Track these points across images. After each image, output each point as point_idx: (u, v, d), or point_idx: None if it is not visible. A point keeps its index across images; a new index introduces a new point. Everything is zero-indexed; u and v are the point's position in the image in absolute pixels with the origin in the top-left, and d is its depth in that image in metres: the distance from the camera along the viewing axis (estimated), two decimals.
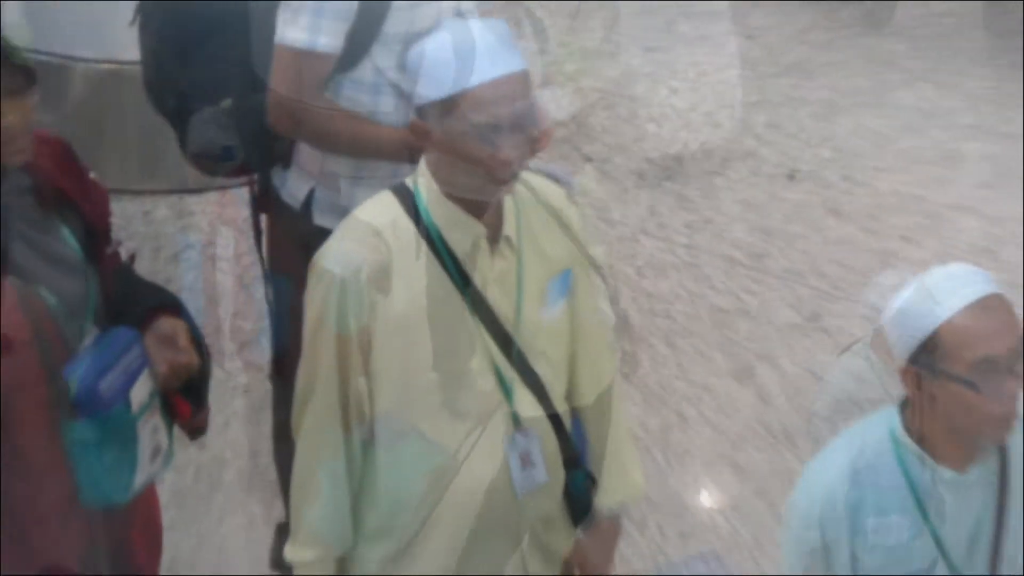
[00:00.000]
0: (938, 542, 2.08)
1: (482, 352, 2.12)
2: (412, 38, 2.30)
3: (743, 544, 3.53)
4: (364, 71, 2.61)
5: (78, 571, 2.15)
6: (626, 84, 5.97)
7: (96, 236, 2.20)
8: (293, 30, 2.56)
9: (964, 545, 2.10)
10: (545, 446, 2.20)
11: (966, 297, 1.95)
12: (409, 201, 2.08)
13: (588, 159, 5.38)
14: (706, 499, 3.75)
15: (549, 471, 2.21)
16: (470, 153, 1.99)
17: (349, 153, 2.67)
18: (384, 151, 2.61)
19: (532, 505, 2.21)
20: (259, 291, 3.68)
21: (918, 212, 5.16)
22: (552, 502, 2.27)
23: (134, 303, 2.20)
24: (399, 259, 2.05)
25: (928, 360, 1.95)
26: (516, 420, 2.16)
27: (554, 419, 2.22)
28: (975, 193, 5.25)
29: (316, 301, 2.05)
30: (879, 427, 2.11)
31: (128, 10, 2.77)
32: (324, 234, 2.18)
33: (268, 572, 3.21)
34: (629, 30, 6.33)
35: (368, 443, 2.13)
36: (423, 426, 2.12)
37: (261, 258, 2.99)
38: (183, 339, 2.17)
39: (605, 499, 2.33)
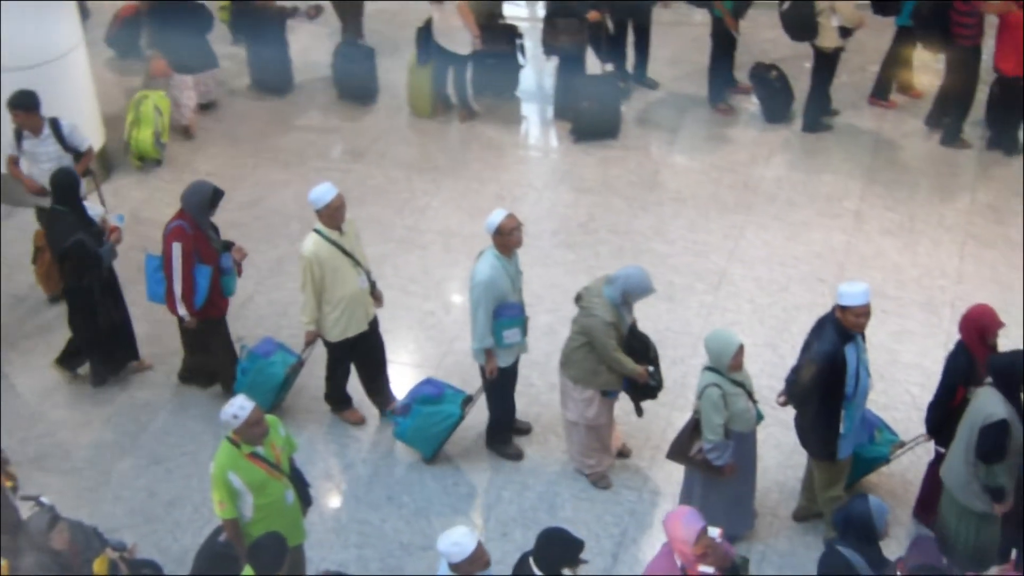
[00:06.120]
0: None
1: (353, 266, 8.37)
2: None
3: None
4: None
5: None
6: None
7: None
8: None
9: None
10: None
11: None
12: (324, 235, 8.22)
13: None
14: None
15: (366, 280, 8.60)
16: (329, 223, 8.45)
17: None
18: None
19: (366, 289, 8.58)
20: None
21: None
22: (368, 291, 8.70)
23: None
24: (330, 252, 8.24)
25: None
26: (364, 275, 8.50)
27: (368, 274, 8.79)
28: None
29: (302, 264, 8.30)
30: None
31: None
32: None
33: None
34: None
35: (322, 290, 8.41)
36: (340, 285, 8.38)
37: None
38: (239, 254, 8.95)
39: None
